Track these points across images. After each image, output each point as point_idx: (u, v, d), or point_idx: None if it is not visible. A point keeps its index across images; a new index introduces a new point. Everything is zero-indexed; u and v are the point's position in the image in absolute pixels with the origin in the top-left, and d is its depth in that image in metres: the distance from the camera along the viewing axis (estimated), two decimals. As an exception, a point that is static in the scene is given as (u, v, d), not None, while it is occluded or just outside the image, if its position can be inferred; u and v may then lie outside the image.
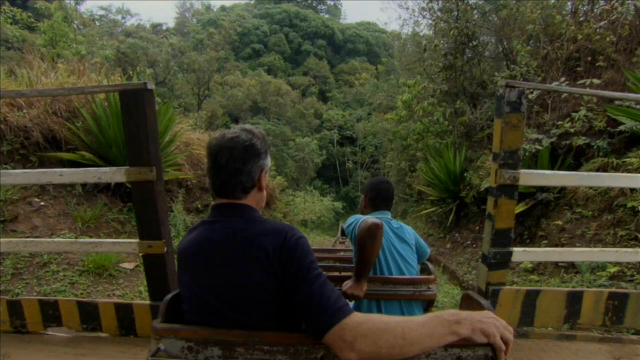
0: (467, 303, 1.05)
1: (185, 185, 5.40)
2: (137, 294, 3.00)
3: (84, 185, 3.85)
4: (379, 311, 1.60)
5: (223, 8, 50.06)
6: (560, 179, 1.81)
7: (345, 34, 47.07)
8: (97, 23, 26.86)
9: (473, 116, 7.26)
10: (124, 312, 1.73)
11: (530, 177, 1.63)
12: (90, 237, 3.40)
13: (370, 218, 1.38)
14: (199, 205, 5.60)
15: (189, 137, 5.94)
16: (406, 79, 8.51)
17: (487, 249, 1.68)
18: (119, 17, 32.57)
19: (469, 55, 7.43)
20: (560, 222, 3.78)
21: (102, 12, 31.17)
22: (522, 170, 1.59)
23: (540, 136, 4.27)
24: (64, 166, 3.72)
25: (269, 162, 1.02)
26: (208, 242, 0.91)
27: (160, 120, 4.25)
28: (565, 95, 4.65)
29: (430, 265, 1.72)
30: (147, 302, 1.71)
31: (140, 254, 1.66)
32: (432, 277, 1.59)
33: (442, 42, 7.20)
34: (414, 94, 7.81)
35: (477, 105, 7.50)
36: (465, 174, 6.55)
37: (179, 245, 0.98)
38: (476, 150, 7.37)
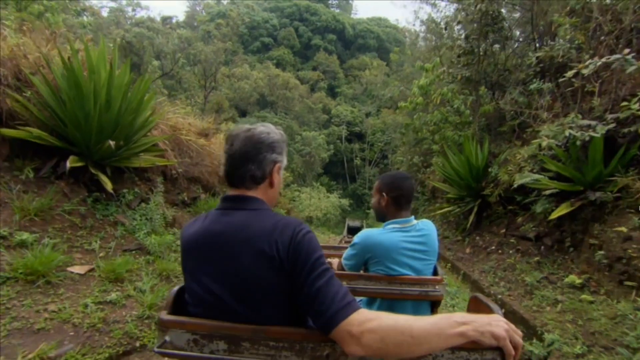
0: (476, 306, 0.99)
1: (169, 174, 4.73)
2: (81, 309, 2.32)
3: (37, 169, 3.20)
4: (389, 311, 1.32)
5: (232, 1, 49.50)
6: None
7: (356, 29, 46.12)
8: (105, 14, 26.47)
9: (497, 105, 6.43)
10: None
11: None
12: (33, 232, 2.74)
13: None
14: (186, 198, 4.92)
15: (177, 120, 5.27)
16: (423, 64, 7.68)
17: None
18: (129, 9, 32.14)
19: (493, 39, 6.59)
20: (623, 229, 2.98)
21: (112, 5, 30.76)
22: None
23: (592, 122, 3.48)
24: (9, 145, 3.07)
25: (284, 160, 1.03)
26: (216, 232, 0.89)
27: (134, 96, 3.59)
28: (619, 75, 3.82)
29: (439, 268, 1.67)
30: None
31: None
32: (439, 277, 1.55)
33: (465, 20, 6.35)
34: (431, 78, 6.98)
35: (502, 93, 6.67)
36: (489, 169, 5.75)
37: (183, 234, 0.95)
38: (500, 143, 6.56)
